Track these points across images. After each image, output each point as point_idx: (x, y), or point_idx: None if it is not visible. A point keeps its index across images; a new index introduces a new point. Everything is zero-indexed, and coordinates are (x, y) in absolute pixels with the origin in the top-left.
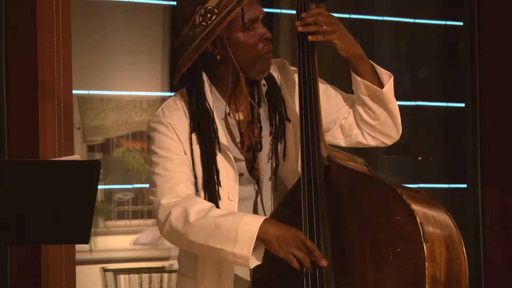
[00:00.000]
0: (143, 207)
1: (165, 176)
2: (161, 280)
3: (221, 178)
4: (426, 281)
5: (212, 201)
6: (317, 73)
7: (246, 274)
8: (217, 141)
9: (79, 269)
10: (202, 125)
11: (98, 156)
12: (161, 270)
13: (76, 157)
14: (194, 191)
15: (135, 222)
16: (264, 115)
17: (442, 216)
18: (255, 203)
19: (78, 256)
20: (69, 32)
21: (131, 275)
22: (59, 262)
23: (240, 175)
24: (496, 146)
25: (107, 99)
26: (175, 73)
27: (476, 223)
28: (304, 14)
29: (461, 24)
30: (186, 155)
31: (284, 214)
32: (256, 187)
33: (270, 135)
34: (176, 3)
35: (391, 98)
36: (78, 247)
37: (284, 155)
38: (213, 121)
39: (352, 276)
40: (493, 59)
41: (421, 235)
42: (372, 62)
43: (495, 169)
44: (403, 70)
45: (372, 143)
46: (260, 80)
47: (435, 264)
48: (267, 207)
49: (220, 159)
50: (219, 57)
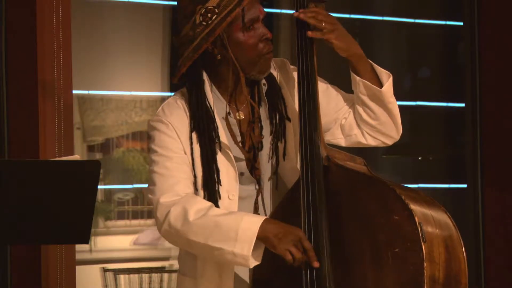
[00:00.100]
0: (143, 207)
1: (165, 175)
2: (161, 280)
3: (221, 177)
4: (425, 281)
5: (212, 200)
6: (316, 72)
7: (246, 274)
8: (217, 140)
9: (79, 269)
10: (202, 124)
11: (98, 156)
12: (161, 270)
13: (76, 157)
14: (194, 190)
15: (135, 222)
16: (264, 114)
17: (442, 216)
18: (256, 202)
19: (78, 256)
20: (69, 32)
21: (131, 275)
22: (59, 262)
23: (241, 174)
24: (496, 146)
25: (107, 99)
26: (175, 73)
27: (476, 223)
28: (302, 10)
29: (461, 24)
30: (186, 154)
31: (284, 214)
32: (257, 187)
33: (270, 135)
34: (177, 2)
35: (391, 98)
36: (78, 247)
37: (285, 154)
38: (214, 120)
39: (351, 276)
40: (493, 59)
41: (420, 235)
42: (371, 62)
43: (495, 169)
44: (403, 70)
45: (372, 143)
46: (260, 80)
47: (433, 264)
48: (268, 206)
49: (220, 158)
50: (220, 57)
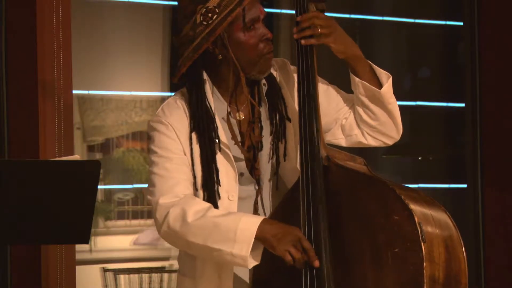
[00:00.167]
0: (143, 207)
1: (164, 176)
2: (161, 280)
3: (220, 177)
4: (425, 281)
5: (211, 200)
6: (316, 73)
7: (246, 274)
8: (217, 140)
9: (79, 269)
10: (202, 124)
11: (98, 156)
12: (161, 270)
13: (76, 157)
14: (193, 191)
15: (135, 222)
16: (264, 114)
17: (442, 216)
18: (256, 203)
19: (78, 256)
20: (69, 32)
21: (131, 275)
22: (59, 262)
23: (241, 174)
24: (496, 146)
25: (107, 99)
26: (175, 73)
27: (476, 223)
28: (299, 18)
29: (461, 24)
30: (185, 155)
31: (284, 214)
32: (257, 187)
33: (270, 135)
34: (177, 2)
35: (390, 98)
36: (78, 247)
37: (285, 154)
38: (213, 120)
39: (351, 276)
40: (493, 59)
41: (419, 235)
42: (371, 63)
43: (495, 169)
44: (403, 70)
45: (373, 143)
46: (261, 80)
47: (433, 264)
48: (267, 207)
49: (220, 158)
50: (220, 57)
